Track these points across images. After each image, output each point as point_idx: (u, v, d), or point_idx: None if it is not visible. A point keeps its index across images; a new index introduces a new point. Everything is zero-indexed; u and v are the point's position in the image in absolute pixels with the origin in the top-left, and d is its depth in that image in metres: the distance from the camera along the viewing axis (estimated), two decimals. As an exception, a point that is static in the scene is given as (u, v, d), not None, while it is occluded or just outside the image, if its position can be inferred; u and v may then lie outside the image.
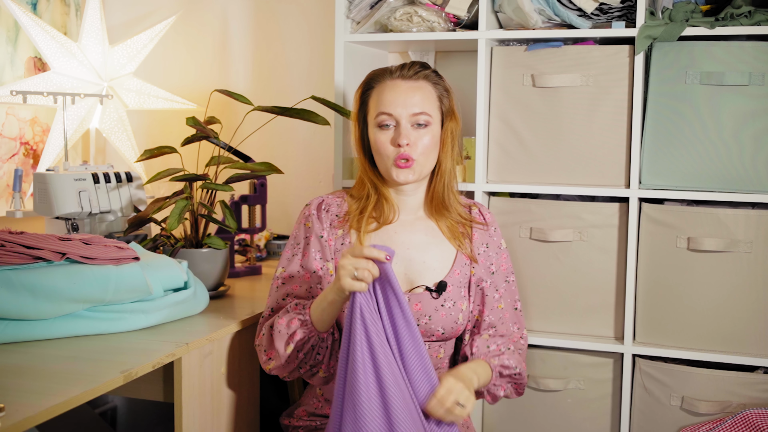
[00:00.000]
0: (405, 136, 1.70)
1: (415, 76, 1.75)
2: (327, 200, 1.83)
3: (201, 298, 1.88)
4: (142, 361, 1.51)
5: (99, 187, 2.24)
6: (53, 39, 2.62)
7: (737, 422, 1.94)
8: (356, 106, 1.81)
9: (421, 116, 1.72)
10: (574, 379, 2.12)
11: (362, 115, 1.80)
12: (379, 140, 1.73)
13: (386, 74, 1.77)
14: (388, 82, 1.75)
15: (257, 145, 2.52)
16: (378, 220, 1.78)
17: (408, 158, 1.71)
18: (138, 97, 2.80)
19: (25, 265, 1.60)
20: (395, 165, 1.72)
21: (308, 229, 1.79)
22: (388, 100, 1.73)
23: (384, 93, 1.74)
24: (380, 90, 1.75)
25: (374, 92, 1.77)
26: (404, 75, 1.75)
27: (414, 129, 1.72)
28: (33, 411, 1.23)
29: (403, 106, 1.72)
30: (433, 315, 1.71)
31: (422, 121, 1.73)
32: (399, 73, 1.75)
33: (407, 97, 1.72)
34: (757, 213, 1.95)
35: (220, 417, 1.78)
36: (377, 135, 1.74)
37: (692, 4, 2.01)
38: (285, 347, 1.63)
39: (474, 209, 1.86)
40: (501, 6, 2.13)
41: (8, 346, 1.57)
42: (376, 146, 1.74)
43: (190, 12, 2.89)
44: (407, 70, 1.76)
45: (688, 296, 2.02)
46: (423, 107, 1.73)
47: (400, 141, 1.70)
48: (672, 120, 2.01)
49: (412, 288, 1.74)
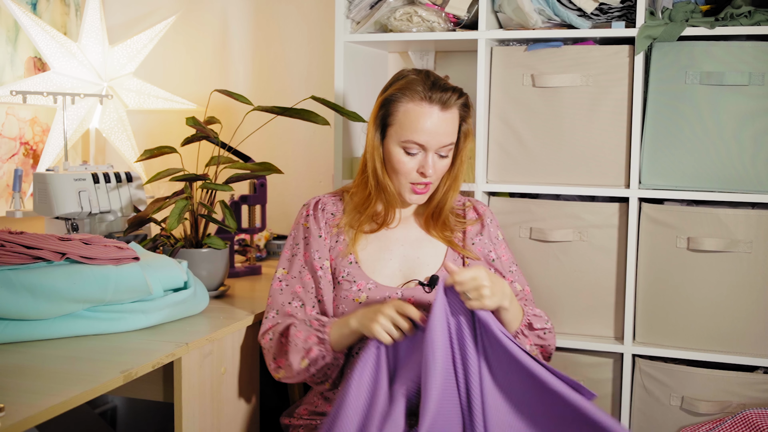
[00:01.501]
0: (431, 166, 1.70)
1: (453, 105, 1.69)
2: (323, 200, 1.84)
3: (201, 298, 1.88)
4: (142, 361, 1.51)
5: (99, 187, 2.24)
6: (53, 39, 2.62)
7: (737, 422, 1.94)
8: (378, 109, 1.74)
9: (447, 147, 1.71)
10: (574, 379, 2.12)
11: (382, 120, 1.74)
12: (402, 162, 1.71)
13: (420, 92, 1.67)
14: (426, 107, 1.67)
15: (257, 145, 2.52)
16: (377, 221, 1.79)
17: (428, 185, 1.73)
18: (138, 97, 2.80)
19: (25, 265, 1.60)
20: (412, 190, 1.73)
21: (306, 230, 1.80)
22: (423, 129, 1.67)
23: (419, 119, 1.67)
24: (414, 111, 1.68)
25: (403, 106, 1.69)
26: (444, 104, 1.67)
27: (438, 158, 1.72)
28: (33, 411, 1.23)
29: (435, 139, 1.68)
30: (428, 309, 1.72)
31: (445, 152, 1.72)
32: (439, 99, 1.67)
33: (441, 129, 1.68)
34: (757, 213, 1.95)
35: (220, 417, 1.78)
36: (401, 156, 1.71)
37: (692, 4, 2.01)
38: (300, 362, 1.65)
39: (468, 206, 1.87)
40: (501, 6, 2.13)
41: (8, 346, 1.57)
42: (397, 166, 1.72)
43: (190, 12, 2.89)
44: (447, 98, 1.67)
45: (688, 296, 2.02)
46: (451, 138, 1.71)
47: (426, 171, 1.69)
48: (672, 120, 2.01)
49: (405, 283, 1.75)
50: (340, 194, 1.86)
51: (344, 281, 1.74)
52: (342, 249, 1.77)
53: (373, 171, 1.75)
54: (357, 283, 1.73)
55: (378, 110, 1.74)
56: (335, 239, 1.79)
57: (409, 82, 1.71)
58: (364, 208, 1.78)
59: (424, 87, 1.68)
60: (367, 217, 1.78)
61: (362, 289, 1.73)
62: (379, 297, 1.72)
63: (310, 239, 1.79)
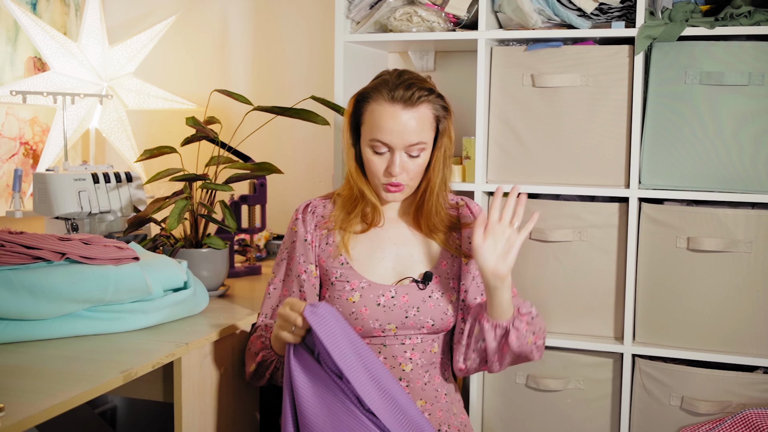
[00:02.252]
0: (399, 165, 1.68)
1: (417, 102, 1.67)
2: (314, 203, 1.84)
3: (201, 298, 1.88)
4: (142, 361, 1.51)
5: (99, 187, 2.24)
6: (53, 39, 2.62)
7: (737, 422, 1.94)
8: (349, 112, 1.75)
9: (416, 146, 1.69)
10: (573, 379, 2.12)
11: (355, 123, 1.75)
12: (372, 161, 1.71)
13: (385, 91, 1.67)
14: (387, 106, 1.67)
15: (257, 145, 2.52)
16: (366, 221, 1.79)
17: (398, 185, 1.72)
18: (138, 97, 2.80)
19: (25, 265, 1.60)
20: (385, 189, 1.73)
21: (294, 233, 1.81)
22: (386, 128, 1.66)
23: (382, 119, 1.67)
24: (378, 110, 1.68)
25: (370, 107, 1.70)
26: (406, 102, 1.66)
27: (408, 158, 1.70)
28: (33, 411, 1.23)
29: (399, 138, 1.67)
30: (421, 306, 1.72)
31: (416, 152, 1.70)
32: (401, 97, 1.66)
33: (405, 128, 1.66)
34: (757, 213, 1.95)
35: (220, 417, 1.78)
36: (370, 156, 1.71)
37: (692, 4, 2.01)
38: (250, 365, 1.76)
39: (461, 206, 1.86)
40: (501, 6, 2.13)
41: (8, 346, 1.57)
42: (368, 165, 1.73)
43: (190, 12, 2.89)
44: (409, 96, 1.66)
45: (688, 296, 2.02)
46: (420, 137, 1.68)
47: (393, 170, 1.69)
48: (672, 120, 2.01)
49: (399, 280, 1.75)
50: (331, 196, 1.86)
51: (337, 282, 1.74)
52: (332, 251, 1.78)
53: (349, 171, 1.78)
54: (350, 282, 1.73)
55: (351, 111, 1.76)
56: (325, 241, 1.79)
57: (378, 82, 1.71)
58: (352, 208, 1.79)
59: (390, 86, 1.68)
60: (355, 217, 1.78)
61: (355, 288, 1.73)
62: (372, 295, 1.71)
63: (296, 243, 1.80)
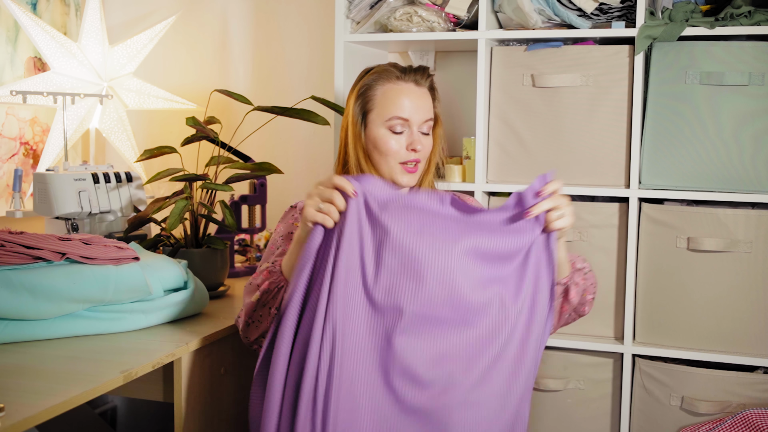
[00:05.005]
0: (419, 141, 1.71)
1: (425, 82, 1.74)
2: None
3: (201, 298, 1.88)
4: (142, 361, 1.51)
5: (99, 187, 2.24)
6: (53, 39, 2.62)
7: (737, 422, 1.94)
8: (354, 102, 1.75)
9: (428, 123, 1.73)
10: (574, 379, 2.12)
11: (361, 110, 1.75)
12: (390, 143, 1.71)
13: (393, 76, 1.73)
14: (402, 84, 1.72)
15: (257, 145, 2.52)
16: None
17: (417, 161, 1.72)
18: (138, 97, 2.80)
19: (25, 265, 1.60)
20: (404, 169, 1.72)
21: (293, 227, 1.78)
22: (403, 104, 1.70)
23: (400, 96, 1.71)
24: (393, 89, 1.72)
25: (380, 90, 1.73)
26: (417, 81, 1.73)
27: (422, 136, 1.72)
28: (33, 411, 1.23)
29: (417, 112, 1.70)
30: None
31: (427, 129, 1.73)
32: (412, 77, 1.73)
33: (421, 102, 1.71)
34: (757, 213, 1.95)
35: (220, 417, 1.78)
36: (387, 138, 1.71)
37: (692, 4, 2.01)
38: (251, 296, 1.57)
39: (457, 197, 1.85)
40: (501, 6, 2.13)
41: (8, 346, 1.57)
42: (384, 148, 1.72)
43: (190, 12, 2.89)
44: (419, 76, 1.73)
45: (688, 296, 2.02)
46: (431, 113, 1.73)
47: (416, 147, 1.70)
48: (672, 120, 2.01)
49: None
50: None
51: None
52: None
53: (357, 164, 1.74)
54: None
55: (354, 103, 1.75)
56: None
57: (379, 71, 1.75)
58: None
59: (396, 69, 1.73)
60: None
61: None
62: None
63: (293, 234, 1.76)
